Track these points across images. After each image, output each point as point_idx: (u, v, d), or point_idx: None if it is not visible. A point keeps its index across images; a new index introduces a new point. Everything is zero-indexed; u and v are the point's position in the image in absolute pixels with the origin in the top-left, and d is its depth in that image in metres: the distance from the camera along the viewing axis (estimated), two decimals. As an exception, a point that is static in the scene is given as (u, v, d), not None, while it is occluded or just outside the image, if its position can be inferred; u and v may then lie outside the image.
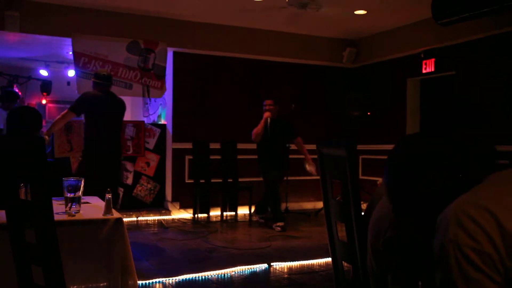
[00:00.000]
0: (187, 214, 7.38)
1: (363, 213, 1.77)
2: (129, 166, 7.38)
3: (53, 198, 2.08)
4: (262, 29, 7.79)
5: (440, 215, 1.08)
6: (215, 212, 7.35)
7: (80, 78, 6.81)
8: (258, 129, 6.60)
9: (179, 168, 7.52)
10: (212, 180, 7.44)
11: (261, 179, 8.14)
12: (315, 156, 2.11)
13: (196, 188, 7.25)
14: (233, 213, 7.42)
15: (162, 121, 8.38)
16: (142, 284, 3.90)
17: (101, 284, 2.58)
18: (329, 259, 2.12)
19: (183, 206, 7.46)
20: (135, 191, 7.42)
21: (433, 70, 7.11)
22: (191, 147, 7.42)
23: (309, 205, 8.22)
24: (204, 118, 7.67)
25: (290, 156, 8.17)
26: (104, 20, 6.88)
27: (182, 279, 4.12)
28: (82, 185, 2.73)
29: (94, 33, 6.83)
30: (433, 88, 7.53)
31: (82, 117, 5.29)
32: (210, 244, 5.50)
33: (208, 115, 7.70)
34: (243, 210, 7.46)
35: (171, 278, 4.10)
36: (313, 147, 2.07)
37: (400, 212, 1.26)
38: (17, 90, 8.13)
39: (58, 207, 2.76)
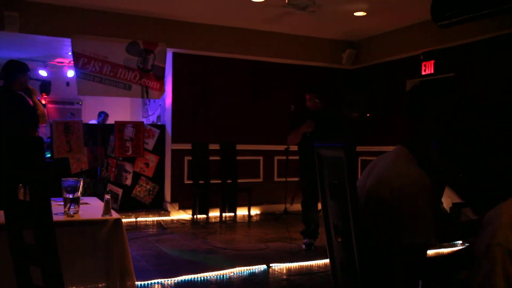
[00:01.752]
0: (186, 215, 7.38)
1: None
2: (128, 166, 7.38)
3: (52, 198, 2.08)
4: (262, 30, 7.80)
5: (487, 214, 1.06)
6: (214, 213, 7.35)
7: (80, 78, 6.82)
8: (292, 135, 5.32)
9: (178, 169, 7.52)
10: (211, 181, 7.45)
11: (260, 179, 8.18)
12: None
13: (195, 189, 7.25)
14: (232, 214, 7.43)
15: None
16: (140, 285, 3.90)
17: (100, 285, 2.58)
18: (328, 260, 2.12)
19: (182, 207, 7.46)
20: (134, 191, 7.42)
21: (432, 71, 7.12)
22: (190, 148, 7.43)
23: (308, 206, 8.21)
24: (204, 119, 7.68)
25: (296, 158, 8.14)
26: (103, 20, 6.89)
27: (181, 280, 4.11)
28: (81, 186, 2.73)
29: (94, 33, 6.83)
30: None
31: (81, 118, 5.32)
32: (209, 245, 5.50)
33: (207, 116, 7.70)
34: (242, 211, 7.47)
35: (170, 279, 4.10)
36: (311, 148, 2.06)
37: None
38: None
39: (57, 207, 2.76)
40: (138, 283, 3.79)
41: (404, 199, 1.63)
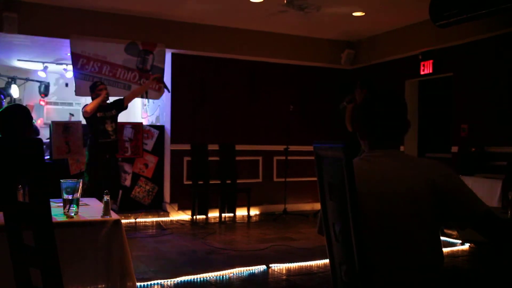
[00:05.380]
0: (185, 216, 7.38)
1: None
2: (127, 167, 7.38)
3: (51, 199, 2.08)
4: (261, 30, 7.80)
5: None
6: (213, 214, 7.35)
7: (79, 79, 6.81)
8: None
9: (177, 169, 7.52)
10: (211, 182, 7.45)
11: (260, 180, 8.16)
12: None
13: (195, 190, 7.25)
14: (232, 214, 7.43)
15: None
16: (140, 286, 3.90)
17: (100, 286, 2.57)
18: (327, 261, 2.13)
19: (182, 208, 7.46)
20: (133, 192, 7.42)
21: (431, 71, 7.12)
22: (189, 148, 7.43)
23: (307, 207, 8.22)
24: (203, 119, 7.68)
25: (295, 158, 8.16)
26: (102, 21, 6.88)
27: (181, 281, 4.12)
28: (80, 187, 2.72)
29: (93, 34, 6.83)
30: (431, 90, 7.55)
31: (81, 119, 5.33)
32: (209, 245, 5.50)
33: (206, 117, 7.70)
34: (241, 212, 7.47)
35: (169, 280, 4.10)
36: (311, 148, 2.07)
37: None
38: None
39: (57, 208, 2.76)
40: (138, 284, 3.78)
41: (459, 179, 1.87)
